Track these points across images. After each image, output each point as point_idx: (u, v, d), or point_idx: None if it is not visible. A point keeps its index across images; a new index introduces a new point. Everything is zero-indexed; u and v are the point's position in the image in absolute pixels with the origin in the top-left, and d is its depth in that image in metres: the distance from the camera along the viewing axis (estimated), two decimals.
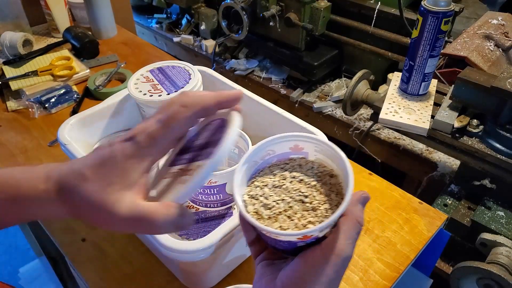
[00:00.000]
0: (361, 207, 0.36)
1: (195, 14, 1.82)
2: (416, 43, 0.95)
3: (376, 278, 0.61)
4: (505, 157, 0.87)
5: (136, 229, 0.33)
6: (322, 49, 1.50)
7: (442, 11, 0.88)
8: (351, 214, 0.35)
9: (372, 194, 0.74)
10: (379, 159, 1.33)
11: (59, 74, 1.02)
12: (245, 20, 1.47)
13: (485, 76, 0.90)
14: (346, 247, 0.34)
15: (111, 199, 0.31)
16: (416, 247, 0.66)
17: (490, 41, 1.14)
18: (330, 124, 1.42)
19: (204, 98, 0.34)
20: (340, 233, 0.34)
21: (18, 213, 0.34)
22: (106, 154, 0.32)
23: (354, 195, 0.36)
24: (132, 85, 0.65)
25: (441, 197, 1.02)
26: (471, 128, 0.92)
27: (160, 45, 2.00)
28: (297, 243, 0.34)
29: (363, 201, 0.37)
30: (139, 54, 1.18)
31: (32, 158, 0.81)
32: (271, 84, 1.59)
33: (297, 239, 0.33)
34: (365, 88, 1.15)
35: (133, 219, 0.32)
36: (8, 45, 1.09)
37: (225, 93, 0.35)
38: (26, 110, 0.95)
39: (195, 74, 0.67)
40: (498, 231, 0.89)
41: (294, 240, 0.33)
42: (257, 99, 0.69)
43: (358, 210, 0.35)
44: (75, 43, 1.13)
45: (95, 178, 0.31)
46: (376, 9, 1.33)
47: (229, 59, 1.72)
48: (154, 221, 0.32)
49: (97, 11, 1.19)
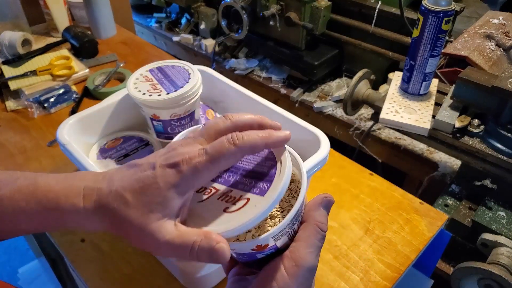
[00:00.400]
0: (323, 211, 0.34)
1: (195, 13, 1.82)
2: (416, 43, 0.95)
3: (377, 278, 0.61)
4: (506, 157, 0.87)
5: (180, 256, 0.32)
6: (322, 49, 1.50)
7: (443, 10, 0.88)
8: (311, 219, 0.33)
9: (372, 194, 0.74)
10: (380, 159, 1.32)
11: (58, 74, 1.01)
12: (245, 19, 1.47)
13: (486, 76, 0.90)
14: (307, 256, 0.31)
15: (153, 226, 0.30)
16: (417, 247, 0.66)
17: (491, 41, 1.14)
18: (330, 124, 1.42)
19: (253, 138, 0.32)
20: (299, 241, 0.32)
21: (56, 224, 0.34)
22: (148, 179, 0.31)
23: (315, 198, 0.34)
24: (132, 84, 0.65)
25: (442, 197, 1.01)
26: (472, 128, 0.92)
27: (159, 44, 2.00)
28: (255, 255, 0.32)
29: (325, 204, 0.34)
30: (138, 54, 1.17)
31: (31, 158, 0.81)
32: (271, 83, 1.58)
33: (252, 250, 0.31)
34: (365, 87, 1.14)
35: (177, 247, 0.31)
36: (7, 44, 1.09)
37: (275, 135, 0.33)
38: (25, 110, 0.94)
39: (194, 73, 0.66)
40: (499, 231, 0.88)
41: (249, 251, 0.32)
42: (257, 98, 0.69)
43: (319, 215, 0.33)
44: (74, 43, 1.13)
45: (137, 204, 0.31)
46: (376, 8, 1.32)
47: (229, 58, 1.72)
48: (198, 253, 0.30)
49: (96, 11, 1.18)
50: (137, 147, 0.68)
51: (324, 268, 0.62)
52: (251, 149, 0.32)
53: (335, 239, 0.66)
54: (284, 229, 0.31)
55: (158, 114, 0.64)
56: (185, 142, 0.33)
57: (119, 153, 0.66)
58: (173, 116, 0.64)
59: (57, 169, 0.78)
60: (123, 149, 0.67)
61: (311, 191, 0.73)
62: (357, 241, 0.66)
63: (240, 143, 0.31)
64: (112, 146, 0.68)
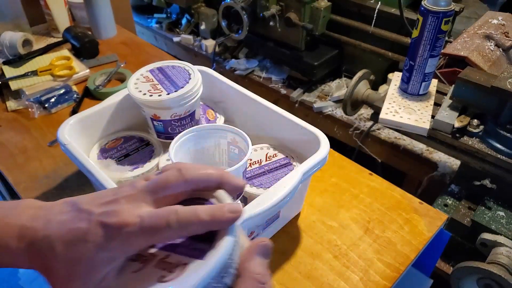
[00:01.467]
0: (260, 259, 0.29)
1: (195, 14, 1.82)
2: (416, 43, 0.95)
3: (377, 278, 0.61)
4: (506, 157, 0.87)
5: None
6: (322, 49, 1.50)
7: (442, 11, 0.88)
8: (245, 272, 0.28)
9: (372, 194, 0.74)
10: (379, 159, 1.33)
11: (59, 74, 1.02)
12: (245, 20, 1.47)
13: (486, 76, 0.90)
14: None
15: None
16: (416, 247, 0.66)
17: (490, 41, 1.14)
18: (330, 124, 1.42)
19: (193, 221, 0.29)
20: None
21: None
22: (80, 232, 0.29)
23: (249, 247, 0.30)
24: (132, 85, 0.65)
25: (442, 197, 1.02)
26: (471, 128, 0.92)
27: (160, 45, 2.00)
28: None
29: (261, 251, 0.29)
30: (139, 54, 1.18)
31: (32, 158, 0.81)
32: (271, 84, 1.58)
33: None
34: (365, 88, 1.14)
35: None
36: (8, 45, 1.09)
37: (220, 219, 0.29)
38: (26, 110, 0.94)
39: (195, 74, 0.67)
40: (499, 231, 0.88)
41: None
42: (257, 99, 0.69)
43: (254, 265, 0.29)
44: (75, 43, 1.13)
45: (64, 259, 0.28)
46: (376, 9, 1.33)
47: (229, 59, 1.72)
48: None
49: (97, 11, 1.18)
50: (137, 147, 0.68)
51: (324, 267, 0.62)
52: (190, 233, 0.29)
53: (334, 239, 0.66)
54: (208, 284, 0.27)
55: (159, 114, 0.64)
56: (132, 197, 0.30)
57: (120, 153, 0.66)
58: (174, 116, 0.64)
59: (58, 169, 0.78)
60: (123, 149, 0.67)
61: (311, 191, 0.73)
62: (357, 241, 0.66)
63: (178, 226, 0.28)
64: (113, 146, 0.68)
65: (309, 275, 0.61)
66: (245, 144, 0.59)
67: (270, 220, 0.62)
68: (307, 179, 0.61)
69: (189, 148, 0.61)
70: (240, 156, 0.60)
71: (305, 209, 0.71)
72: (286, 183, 0.53)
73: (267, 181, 0.62)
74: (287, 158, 0.66)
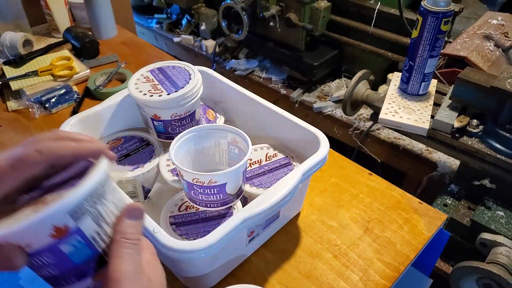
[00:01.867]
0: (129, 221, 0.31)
1: (195, 14, 1.82)
2: (416, 43, 0.95)
3: (376, 278, 0.61)
4: (505, 157, 0.87)
5: None
6: (322, 49, 1.51)
7: (442, 11, 0.88)
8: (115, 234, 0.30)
9: (372, 194, 0.75)
10: (379, 159, 1.33)
11: (59, 74, 1.02)
12: (245, 20, 1.47)
13: (485, 76, 0.90)
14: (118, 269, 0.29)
15: None
16: (416, 247, 0.66)
17: (490, 41, 1.14)
18: (330, 124, 1.42)
19: (59, 148, 0.31)
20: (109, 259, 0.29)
21: None
22: None
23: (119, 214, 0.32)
24: (132, 85, 0.65)
25: (441, 197, 1.02)
26: (471, 128, 0.92)
27: (160, 45, 2.00)
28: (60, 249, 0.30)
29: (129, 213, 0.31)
30: (139, 54, 1.18)
31: None
32: (271, 84, 1.59)
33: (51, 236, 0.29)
34: (365, 88, 1.15)
35: None
36: (8, 45, 1.09)
37: (84, 147, 0.32)
38: (27, 110, 0.95)
39: (195, 74, 0.67)
40: (498, 231, 0.89)
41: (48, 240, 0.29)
42: (257, 99, 0.69)
43: (125, 226, 0.30)
44: (75, 43, 1.13)
45: None
46: (376, 9, 1.33)
47: (229, 59, 1.72)
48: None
49: (97, 11, 1.19)
50: (138, 147, 0.68)
51: (324, 267, 0.62)
52: (57, 158, 0.31)
53: (334, 238, 0.66)
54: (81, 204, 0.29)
55: (159, 114, 0.64)
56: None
57: (120, 153, 0.67)
58: (174, 116, 0.65)
59: None
60: (124, 149, 0.67)
61: (310, 191, 0.73)
62: (357, 241, 0.66)
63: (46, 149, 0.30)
64: (113, 146, 0.68)
65: (309, 275, 0.61)
66: (245, 144, 0.59)
67: (270, 220, 0.62)
68: (307, 179, 0.61)
69: (189, 148, 0.61)
70: (240, 156, 0.61)
71: (305, 209, 0.71)
72: (286, 183, 0.53)
73: (267, 181, 0.62)
74: (287, 158, 0.66)
